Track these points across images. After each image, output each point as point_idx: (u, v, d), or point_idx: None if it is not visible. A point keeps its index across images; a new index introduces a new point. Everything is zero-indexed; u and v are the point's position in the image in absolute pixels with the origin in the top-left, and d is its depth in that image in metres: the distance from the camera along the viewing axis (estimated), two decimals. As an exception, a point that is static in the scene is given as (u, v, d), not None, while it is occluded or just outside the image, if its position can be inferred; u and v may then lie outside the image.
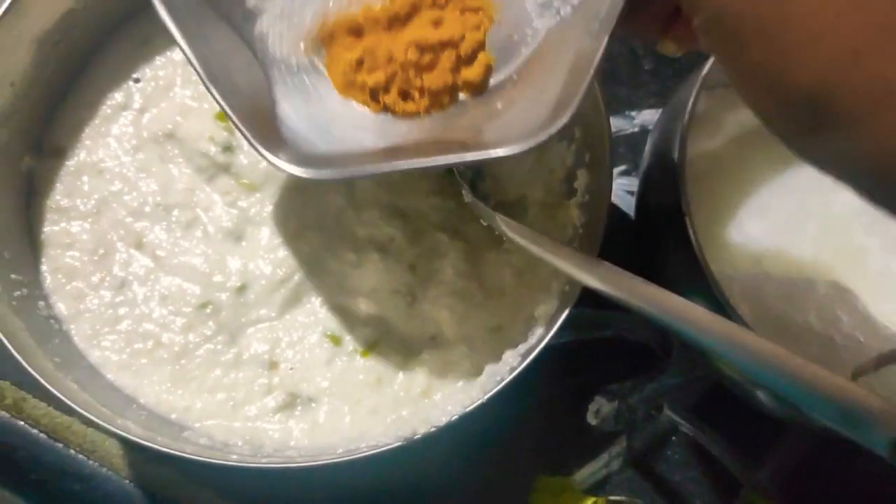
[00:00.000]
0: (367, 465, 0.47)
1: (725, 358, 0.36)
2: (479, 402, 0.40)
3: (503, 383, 0.40)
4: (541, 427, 0.53)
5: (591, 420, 0.53)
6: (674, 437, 0.53)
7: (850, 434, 0.32)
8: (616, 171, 0.59)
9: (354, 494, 0.49)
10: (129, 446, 0.50)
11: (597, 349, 0.54)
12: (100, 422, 0.39)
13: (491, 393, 0.40)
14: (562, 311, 0.42)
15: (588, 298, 0.55)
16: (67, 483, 0.49)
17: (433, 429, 0.40)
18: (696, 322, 0.36)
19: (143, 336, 0.46)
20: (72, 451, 0.49)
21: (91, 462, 0.49)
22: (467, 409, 0.40)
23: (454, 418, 0.40)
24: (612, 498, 0.51)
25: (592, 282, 0.41)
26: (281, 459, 0.41)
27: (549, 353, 0.53)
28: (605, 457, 0.52)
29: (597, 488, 0.51)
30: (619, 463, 0.52)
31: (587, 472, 0.52)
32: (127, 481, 0.49)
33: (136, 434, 0.39)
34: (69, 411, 0.50)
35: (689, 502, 0.52)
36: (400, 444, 0.39)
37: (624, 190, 0.58)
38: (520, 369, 0.40)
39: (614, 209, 0.58)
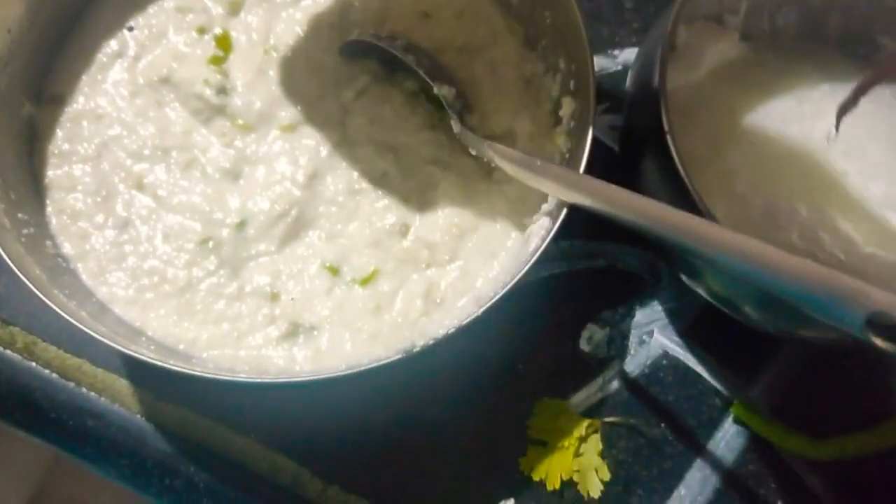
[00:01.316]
0: (370, 380, 0.49)
1: (709, 257, 0.37)
2: (475, 315, 0.41)
3: (497, 296, 0.41)
4: (537, 355, 0.54)
5: (585, 347, 0.55)
6: (665, 361, 0.55)
7: (827, 317, 0.33)
8: (600, 108, 0.60)
9: (362, 419, 0.51)
10: (139, 384, 0.52)
11: (589, 279, 0.56)
12: (116, 346, 0.40)
13: (486, 306, 0.41)
14: (550, 229, 0.43)
15: (580, 230, 0.57)
16: (81, 419, 0.50)
17: (431, 341, 0.41)
18: (679, 224, 0.38)
19: (147, 272, 0.48)
20: (83, 390, 0.51)
21: (103, 399, 0.51)
22: (464, 323, 0.41)
23: (451, 331, 0.41)
24: (607, 419, 0.53)
25: (580, 197, 0.42)
26: (287, 376, 0.42)
27: (543, 284, 0.55)
28: (599, 381, 0.54)
29: (592, 411, 0.53)
30: (614, 386, 0.54)
31: (583, 396, 0.54)
32: (138, 416, 0.51)
33: (150, 357, 0.41)
34: (78, 352, 0.52)
35: (682, 420, 0.53)
36: (400, 356, 0.41)
37: (609, 126, 0.60)
38: (512, 283, 0.42)
39: (599, 144, 0.59)
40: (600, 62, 0.61)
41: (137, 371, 0.52)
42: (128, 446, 0.50)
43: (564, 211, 0.43)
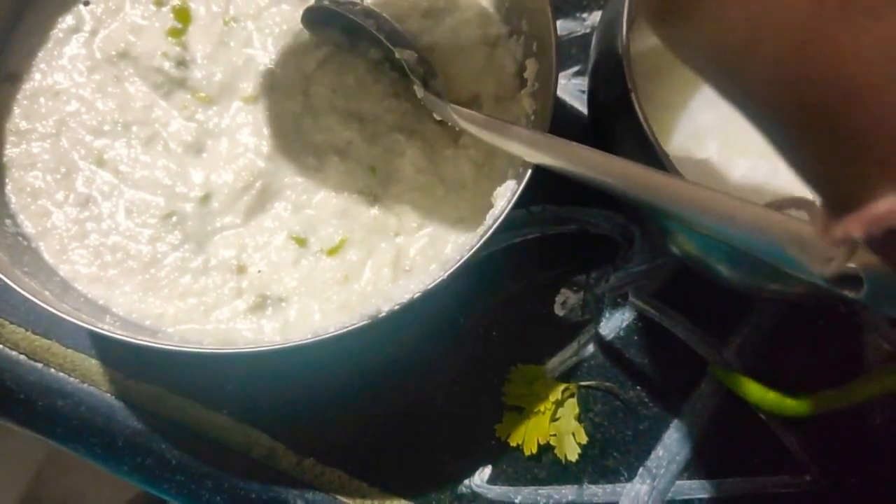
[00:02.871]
0: (341, 350, 0.49)
1: (673, 211, 0.37)
2: (441, 278, 0.41)
3: (463, 259, 0.41)
4: (511, 321, 0.54)
5: (559, 311, 0.55)
6: (640, 323, 0.54)
7: (792, 267, 0.33)
8: (569, 71, 0.60)
9: (335, 392, 0.51)
10: (108, 364, 0.51)
11: (561, 244, 0.56)
12: (80, 323, 0.40)
13: (451, 269, 0.41)
14: (516, 191, 0.43)
15: (551, 196, 0.56)
16: (51, 400, 0.50)
17: (397, 306, 0.41)
18: (643, 180, 0.38)
19: (111, 248, 0.47)
20: (52, 370, 0.50)
21: (72, 379, 0.50)
22: (429, 287, 0.41)
23: (417, 296, 0.41)
24: (583, 383, 0.53)
25: (544, 156, 0.42)
26: (254, 346, 0.42)
27: (515, 250, 0.55)
28: (574, 345, 0.54)
29: (568, 375, 0.53)
30: (589, 350, 0.54)
31: (558, 361, 0.53)
32: (109, 395, 0.50)
33: (116, 332, 0.40)
34: (47, 334, 0.51)
35: (657, 382, 0.53)
36: (366, 322, 0.40)
37: (578, 90, 0.59)
38: (478, 244, 0.41)
39: (570, 108, 0.59)
40: (568, 25, 0.61)
41: (107, 350, 0.51)
42: (98, 425, 0.50)
43: (530, 171, 0.43)
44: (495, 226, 0.42)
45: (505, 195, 0.44)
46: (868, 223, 0.25)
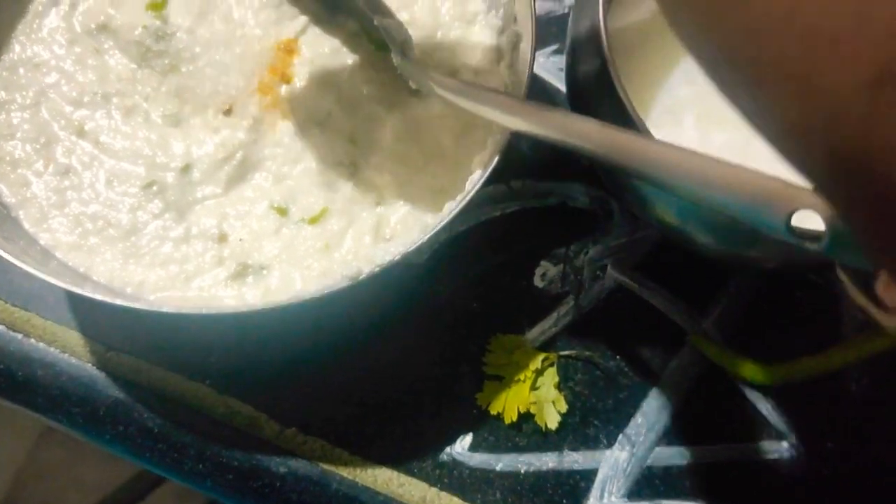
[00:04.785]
0: (322, 315, 0.49)
1: (652, 175, 0.38)
2: (420, 242, 0.41)
3: (442, 224, 0.41)
4: (492, 293, 0.54)
5: (539, 283, 0.55)
6: (619, 294, 0.55)
7: (752, 220, 0.34)
8: (548, 49, 0.61)
9: (317, 362, 0.51)
10: (89, 335, 0.51)
11: (541, 217, 0.56)
12: (63, 285, 0.40)
13: (430, 233, 0.41)
14: (494, 157, 0.43)
15: (531, 170, 0.57)
16: (31, 369, 0.50)
17: (377, 268, 0.41)
18: (615, 140, 0.38)
19: (91, 217, 0.47)
20: (32, 340, 0.50)
21: (53, 349, 0.50)
22: (409, 250, 0.41)
23: (397, 258, 0.41)
24: (562, 353, 0.53)
25: (520, 122, 0.42)
26: (235, 308, 0.42)
27: (496, 223, 0.56)
28: (554, 316, 0.54)
29: (548, 345, 0.53)
30: (569, 321, 0.54)
31: (538, 332, 0.54)
32: (89, 365, 0.50)
33: (98, 295, 0.40)
34: (27, 306, 0.51)
35: (636, 352, 0.54)
36: (346, 283, 0.41)
37: (556, 67, 0.60)
38: (455, 211, 0.42)
39: (549, 85, 0.60)
40: (547, 5, 0.61)
41: (87, 322, 0.51)
42: (79, 395, 0.50)
43: (507, 137, 0.43)
44: (474, 190, 0.42)
45: (483, 162, 0.45)
46: None
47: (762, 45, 0.22)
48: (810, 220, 0.31)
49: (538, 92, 0.59)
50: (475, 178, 0.44)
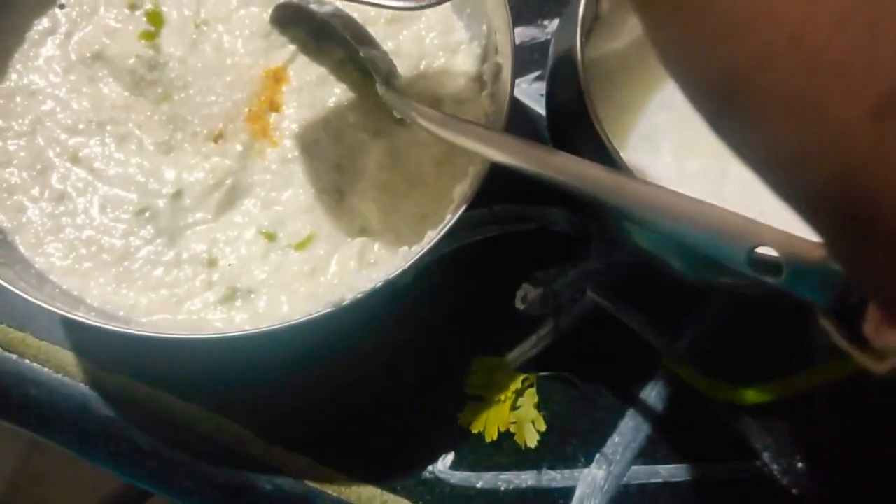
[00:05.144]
0: (307, 339, 0.50)
1: (624, 208, 0.40)
2: (402, 268, 0.43)
3: (424, 250, 0.43)
4: (473, 315, 0.56)
5: (519, 305, 0.57)
6: (598, 317, 0.56)
7: (716, 253, 0.36)
8: (530, 76, 0.62)
9: (302, 382, 0.53)
10: (82, 355, 0.53)
11: (521, 241, 0.58)
12: (56, 310, 0.42)
13: (413, 260, 0.43)
14: (475, 186, 0.45)
15: (511, 195, 0.59)
16: (24, 389, 0.51)
17: (360, 294, 0.43)
18: (594, 176, 0.40)
19: (85, 242, 0.49)
20: (26, 361, 0.52)
21: (46, 369, 0.52)
22: (391, 277, 0.43)
23: (379, 284, 0.43)
24: (542, 374, 0.55)
25: (498, 153, 0.44)
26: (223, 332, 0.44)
27: (477, 247, 0.57)
28: (534, 338, 0.56)
29: (528, 366, 0.55)
30: (548, 342, 0.56)
31: (518, 353, 0.55)
32: (82, 385, 0.52)
33: (90, 319, 0.42)
34: (21, 327, 0.53)
35: (613, 373, 0.55)
36: (330, 309, 0.42)
37: (538, 93, 0.62)
38: (438, 237, 0.43)
39: (530, 112, 0.61)
40: (530, 32, 0.63)
41: (81, 342, 0.53)
42: (72, 414, 0.51)
43: (487, 167, 0.45)
44: (455, 218, 0.44)
45: (463, 192, 0.47)
46: None
47: (765, 74, 0.22)
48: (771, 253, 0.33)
49: (520, 117, 0.61)
50: (455, 207, 0.46)
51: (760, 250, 0.33)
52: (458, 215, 0.44)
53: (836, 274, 0.29)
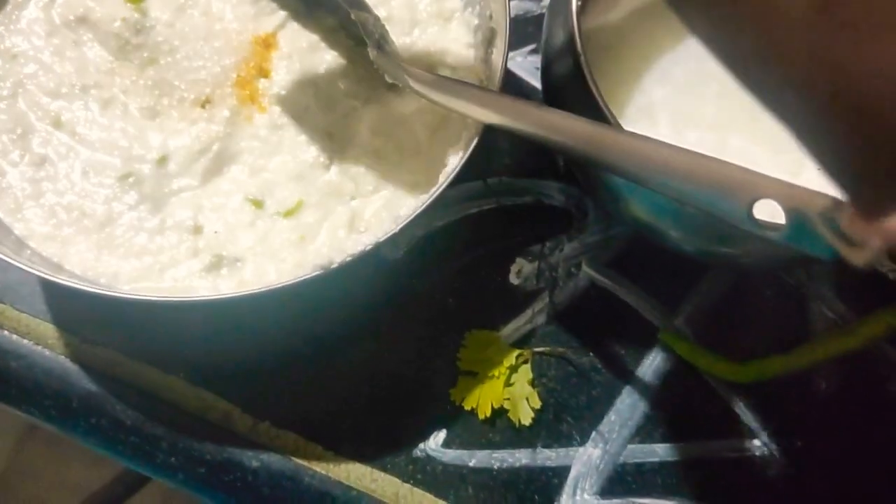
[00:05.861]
0: (295, 308, 0.49)
1: (622, 166, 0.38)
2: (393, 232, 0.42)
3: (414, 214, 0.42)
4: (467, 288, 0.55)
5: (514, 280, 0.56)
6: (593, 292, 0.55)
7: (716, 208, 0.34)
8: (525, 49, 0.61)
9: (291, 356, 0.51)
10: (64, 328, 0.51)
11: (516, 215, 0.57)
12: (37, 272, 0.40)
13: (403, 224, 0.42)
14: (467, 150, 0.44)
15: (506, 168, 0.58)
16: (4, 361, 0.50)
17: (349, 257, 0.41)
18: (584, 132, 0.39)
19: (66, 208, 0.47)
20: (6, 333, 0.50)
21: (26, 342, 0.50)
22: (381, 240, 0.42)
23: (369, 247, 0.41)
24: (537, 349, 0.54)
25: (493, 114, 0.43)
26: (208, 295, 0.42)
27: (471, 221, 0.56)
28: (528, 313, 0.55)
29: (523, 342, 0.54)
30: (543, 318, 0.55)
31: (513, 328, 0.54)
32: (63, 357, 0.50)
33: (71, 281, 0.40)
34: (1, 298, 0.51)
35: (610, 349, 0.54)
36: (319, 272, 0.41)
37: (533, 66, 0.61)
38: (428, 202, 0.42)
39: (525, 85, 0.60)
40: (524, 5, 0.62)
41: (62, 313, 0.51)
42: (52, 387, 0.50)
43: (481, 132, 0.44)
44: (447, 182, 0.43)
45: (457, 155, 0.45)
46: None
47: None
48: (772, 211, 0.32)
49: (514, 91, 0.60)
50: (448, 171, 0.44)
51: (761, 203, 0.32)
52: (450, 179, 0.43)
53: (838, 222, 0.28)
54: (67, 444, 0.51)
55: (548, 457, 0.52)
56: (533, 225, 0.57)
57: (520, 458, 0.52)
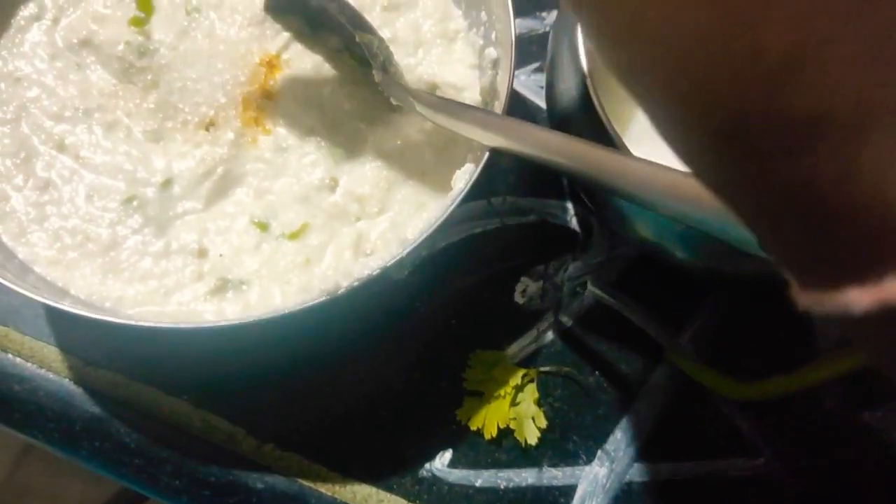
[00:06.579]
0: (300, 331, 0.49)
1: (627, 190, 0.38)
2: (399, 256, 0.41)
3: (421, 239, 0.42)
4: (472, 308, 0.54)
5: (519, 299, 0.55)
6: (598, 311, 0.55)
7: (724, 234, 0.34)
8: (529, 68, 0.61)
9: (295, 378, 0.51)
10: (67, 351, 0.51)
11: (521, 234, 0.57)
12: (40, 299, 0.40)
13: (410, 248, 0.41)
14: (473, 172, 0.44)
15: (511, 188, 0.58)
16: (8, 384, 0.50)
17: (356, 283, 0.41)
18: (593, 158, 0.39)
19: (70, 232, 0.47)
20: (9, 356, 0.50)
21: (30, 365, 0.50)
22: (388, 264, 0.41)
23: (376, 272, 0.41)
24: (542, 369, 0.54)
25: (498, 138, 0.43)
26: (213, 322, 0.42)
27: (476, 240, 0.56)
28: (534, 332, 0.55)
29: (528, 361, 0.54)
30: (548, 337, 0.55)
31: (518, 348, 0.54)
32: (67, 380, 0.50)
33: (75, 308, 0.40)
34: (4, 321, 0.51)
35: (615, 368, 0.54)
36: (325, 298, 0.41)
37: (537, 85, 0.61)
38: (435, 226, 0.42)
39: (529, 104, 0.60)
40: (528, 24, 0.62)
41: (66, 337, 0.51)
42: (56, 410, 0.50)
43: (487, 153, 0.44)
44: (454, 205, 0.43)
45: (463, 178, 0.45)
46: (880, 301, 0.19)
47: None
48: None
49: (519, 109, 0.60)
50: (454, 194, 0.44)
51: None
52: (456, 202, 0.43)
53: None
54: (66, 461, 0.51)
55: (554, 476, 0.52)
56: (537, 244, 0.57)
57: (526, 477, 0.51)
